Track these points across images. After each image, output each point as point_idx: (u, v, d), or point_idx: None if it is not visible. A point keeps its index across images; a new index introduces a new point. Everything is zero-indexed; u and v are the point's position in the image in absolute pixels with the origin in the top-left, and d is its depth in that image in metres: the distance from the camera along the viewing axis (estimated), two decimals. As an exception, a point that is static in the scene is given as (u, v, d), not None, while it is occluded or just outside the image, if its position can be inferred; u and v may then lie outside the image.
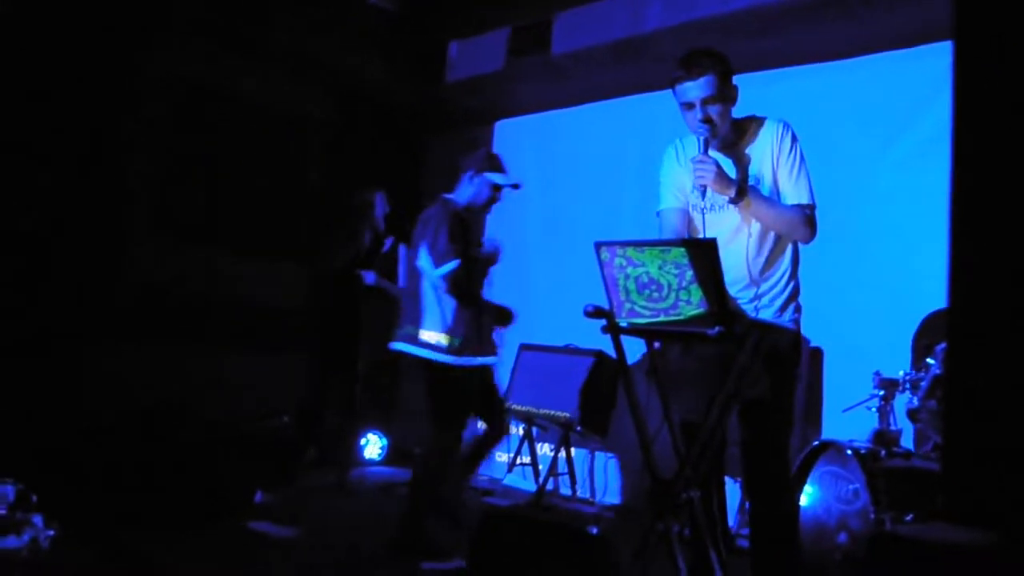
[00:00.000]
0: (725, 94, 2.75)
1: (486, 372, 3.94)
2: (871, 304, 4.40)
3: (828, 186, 4.50)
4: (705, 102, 2.72)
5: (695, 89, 2.72)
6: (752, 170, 2.81)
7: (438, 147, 6.91)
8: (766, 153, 2.78)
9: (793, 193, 2.75)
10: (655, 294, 2.43)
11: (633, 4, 4.80)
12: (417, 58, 5.95)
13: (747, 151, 2.83)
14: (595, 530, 2.53)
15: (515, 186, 3.96)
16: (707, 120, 2.74)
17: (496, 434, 4.04)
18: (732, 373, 2.43)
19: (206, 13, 5.16)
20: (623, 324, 2.54)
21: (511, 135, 6.48)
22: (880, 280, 4.40)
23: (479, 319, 3.83)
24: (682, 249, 2.33)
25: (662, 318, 2.44)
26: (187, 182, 5.37)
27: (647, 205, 5.36)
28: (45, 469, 3.26)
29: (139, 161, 5.16)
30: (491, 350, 3.99)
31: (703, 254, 2.31)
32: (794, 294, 2.81)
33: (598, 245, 2.51)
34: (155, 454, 3.96)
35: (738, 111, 2.92)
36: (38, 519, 2.64)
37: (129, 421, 4.23)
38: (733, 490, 4.47)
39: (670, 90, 2.83)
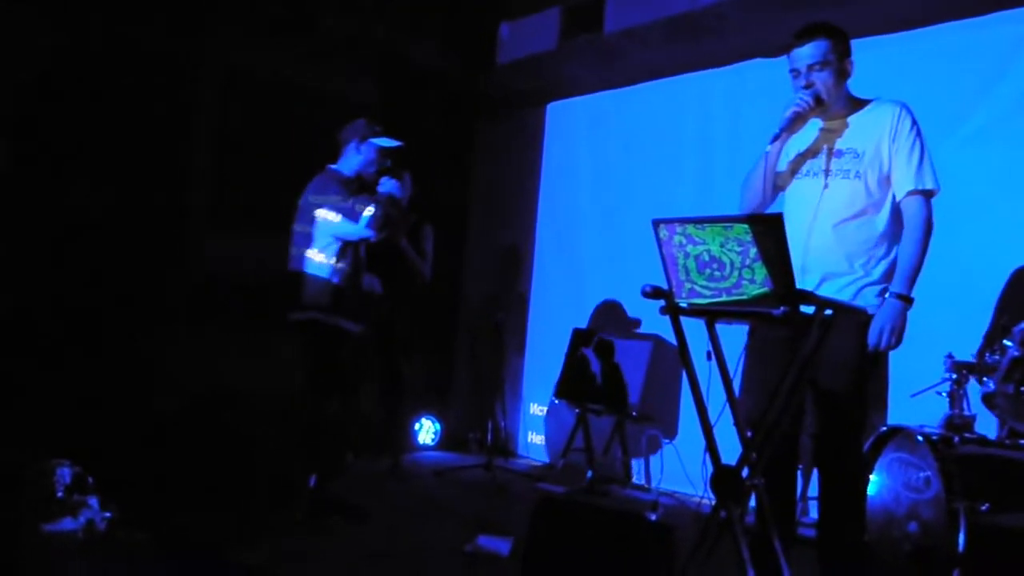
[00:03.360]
0: (834, 63, 2.71)
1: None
2: (939, 284, 4.23)
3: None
4: (811, 68, 2.70)
5: (802, 54, 2.71)
6: (852, 143, 2.73)
7: (491, 129, 6.85)
8: (878, 133, 2.70)
9: (912, 177, 2.67)
10: (716, 273, 2.33)
11: (689, -22, 4.68)
12: (468, 40, 5.88)
13: (856, 124, 2.75)
14: (654, 517, 2.46)
15: (399, 148, 3.97)
16: (809, 86, 2.70)
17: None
18: (798, 356, 2.33)
19: (259, 2, 5.17)
20: (683, 304, 2.46)
21: (564, 117, 6.39)
22: (949, 260, 4.22)
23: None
24: (745, 226, 2.23)
25: (724, 298, 2.35)
26: (243, 169, 5.39)
27: (705, 186, 5.29)
28: (104, 453, 3.29)
29: (197, 149, 5.20)
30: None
31: (768, 230, 2.20)
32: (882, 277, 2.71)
33: (656, 223, 2.43)
34: (212, 440, 4.00)
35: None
36: (94, 501, 2.66)
37: (187, 407, 4.28)
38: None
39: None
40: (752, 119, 4.96)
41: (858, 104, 2.78)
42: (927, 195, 2.68)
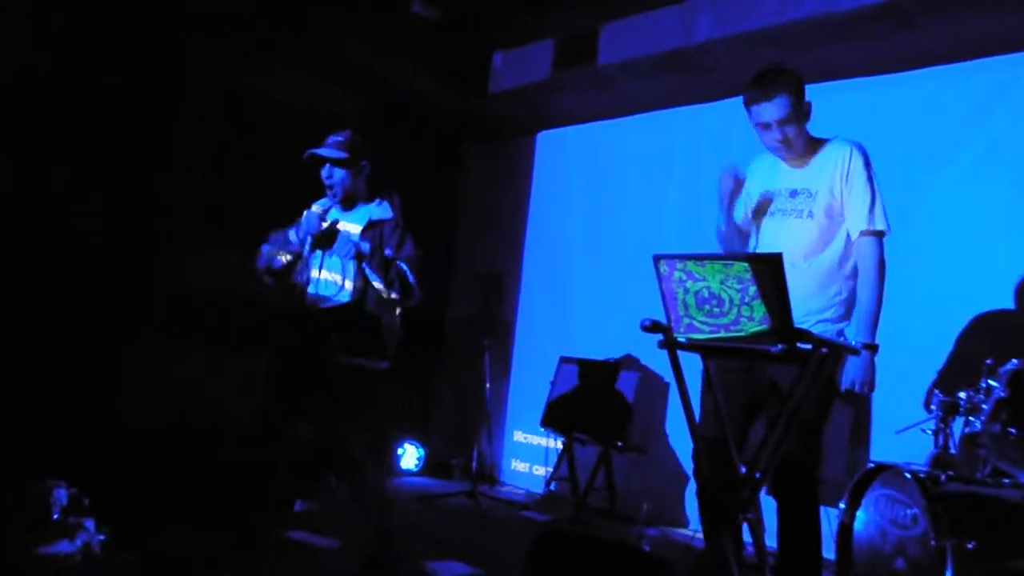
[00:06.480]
0: (800, 113, 2.80)
1: None
2: (925, 323, 4.31)
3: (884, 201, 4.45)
4: (781, 123, 2.77)
5: (770, 110, 2.77)
6: (807, 183, 2.86)
7: (480, 155, 6.91)
8: (831, 172, 2.82)
9: (864, 218, 2.78)
10: (716, 309, 2.36)
11: (683, 15, 4.74)
12: (461, 67, 5.92)
13: (811, 166, 2.88)
14: (647, 547, 2.48)
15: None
16: (785, 141, 2.80)
17: None
18: (797, 392, 2.37)
19: (251, 20, 5.17)
20: (681, 339, 2.49)
21: (554, 146, 6.45)
22: (935, 298, 4.30)
23: None
24: (745, 264, 2.27)
25: (722, 334, 2.38)
26: (229, 188, 5.39)
27: (691, 219, 5.34)
28: (87, 471, 3.25)
29: (182, 165, 5.19)
30: None
31: (768, 269, 2.24)
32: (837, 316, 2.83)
33: (657, 258, 2.45)
34: (196, 460, 3.96)
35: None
36: (90, 523, 2.62)
37: (171, 426, 4.24)
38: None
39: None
40: (739, 154, 5.03)
41: (815, 144, 2.89)
42: (879, 236, 2.79)
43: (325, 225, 3.43)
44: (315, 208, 3.48)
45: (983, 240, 4.16)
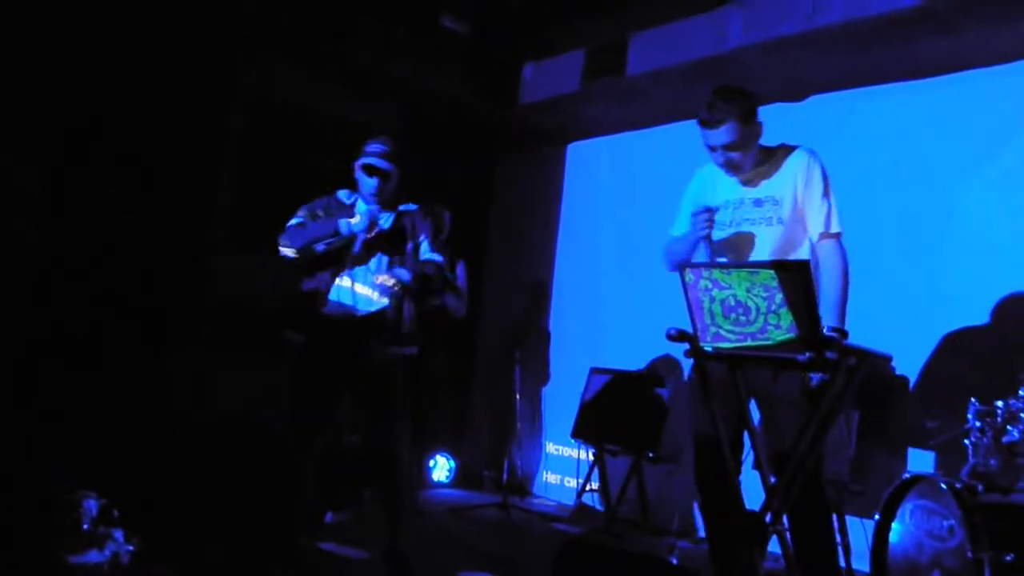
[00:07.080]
0: (745, 137, 2.85)
1: None
2: (959, 331, 4.23)
3: (916, 207, 4.40)
4: (725, 148, 2.86)
5: (715, 136, 2.85)
6: (771, 192, 2.91)
7: (511, 166, 6.92)
8: (793, 180, 2.89)
9: (823, 221, 2.86)
10: (742, 318, 2.35)
11: (712, 23, 4.73)
12: (492, 79, 5.95)
13: (772, 175, 2.93)
14: (675, 560, 2.45)
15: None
16: (728, 163, 2.89)
17: None
18: (826, 400, 2.34)
19: (288, 32, 5.25)
20: (707, 348, 2.47)
21: (584, 156, 6.45)
22: (969, 306, 4.22)
23: None
24: (772, 272, 2.25)
25: (749, 342, 2.36)
26: (268, 195, 5.45)
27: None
28: (122, 480, 3.29)
29: (225, 174, 5.26)
30: None
31: (795, 277, 2.23)
32: None
33: (682, 266, 2.45)
34: (227, 470, 4.00)
35: (830, 128, 2.94)
36: (119, 534, 2.66)
37: (206, 435, 4.29)
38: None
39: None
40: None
41: (768, 153, 2.95)
42: (837, 237, 2.86)
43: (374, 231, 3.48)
44: (354, 203, 3.60)
45: (1019, 245, 4.08)
